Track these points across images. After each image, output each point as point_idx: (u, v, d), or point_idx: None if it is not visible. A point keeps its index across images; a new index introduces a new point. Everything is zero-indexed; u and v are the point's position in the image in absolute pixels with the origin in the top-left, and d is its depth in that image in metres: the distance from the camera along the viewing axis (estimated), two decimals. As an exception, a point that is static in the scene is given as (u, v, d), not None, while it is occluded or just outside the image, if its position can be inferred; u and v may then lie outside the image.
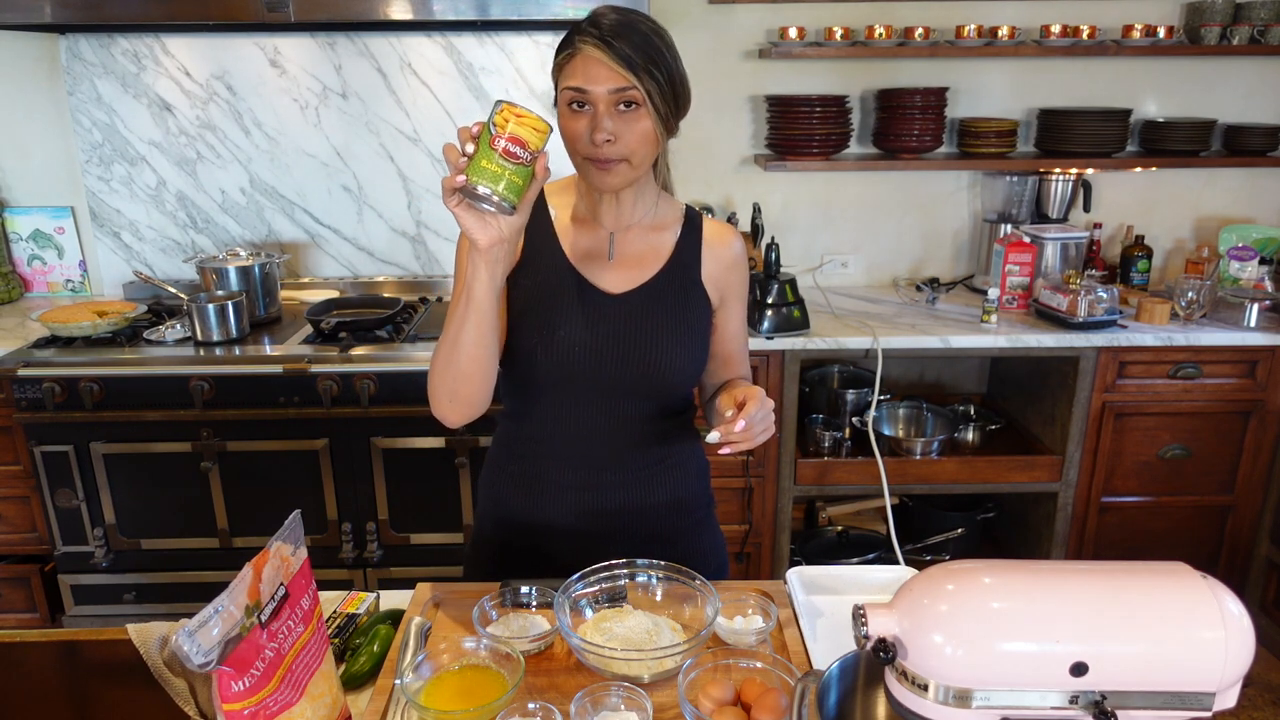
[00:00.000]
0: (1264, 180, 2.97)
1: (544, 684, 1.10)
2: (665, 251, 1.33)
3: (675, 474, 1.39)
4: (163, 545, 2.42)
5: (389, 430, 2.34)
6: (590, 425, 1.32)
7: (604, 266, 1.32)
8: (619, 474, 1.35)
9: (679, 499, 1.40)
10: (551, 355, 1.28)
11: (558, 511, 1.36)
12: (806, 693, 0.88)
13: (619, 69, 1.14)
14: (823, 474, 2.59)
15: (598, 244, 1.33)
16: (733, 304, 1.39)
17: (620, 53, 1.14)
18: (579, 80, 1.17)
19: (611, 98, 1.16)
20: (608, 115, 1.16)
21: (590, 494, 1.35)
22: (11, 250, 2.90)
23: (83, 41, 2.68)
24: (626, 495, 1.36)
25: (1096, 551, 2.68)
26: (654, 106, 1.17)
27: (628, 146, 1.18)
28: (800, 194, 2.96)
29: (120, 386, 2.28)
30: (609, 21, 1.16)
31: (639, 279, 1.32)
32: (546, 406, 1.34)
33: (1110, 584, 0.75)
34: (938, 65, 2.84)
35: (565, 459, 1.35)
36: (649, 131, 1.19)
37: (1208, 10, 2.72)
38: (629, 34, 1.15)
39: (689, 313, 1.33)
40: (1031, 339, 2.48)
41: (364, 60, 2.74)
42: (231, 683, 0.83)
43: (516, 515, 1.40)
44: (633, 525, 1.37)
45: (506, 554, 1.42)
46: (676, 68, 1.20)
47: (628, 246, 1.33)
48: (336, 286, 2.90)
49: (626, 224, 1.32)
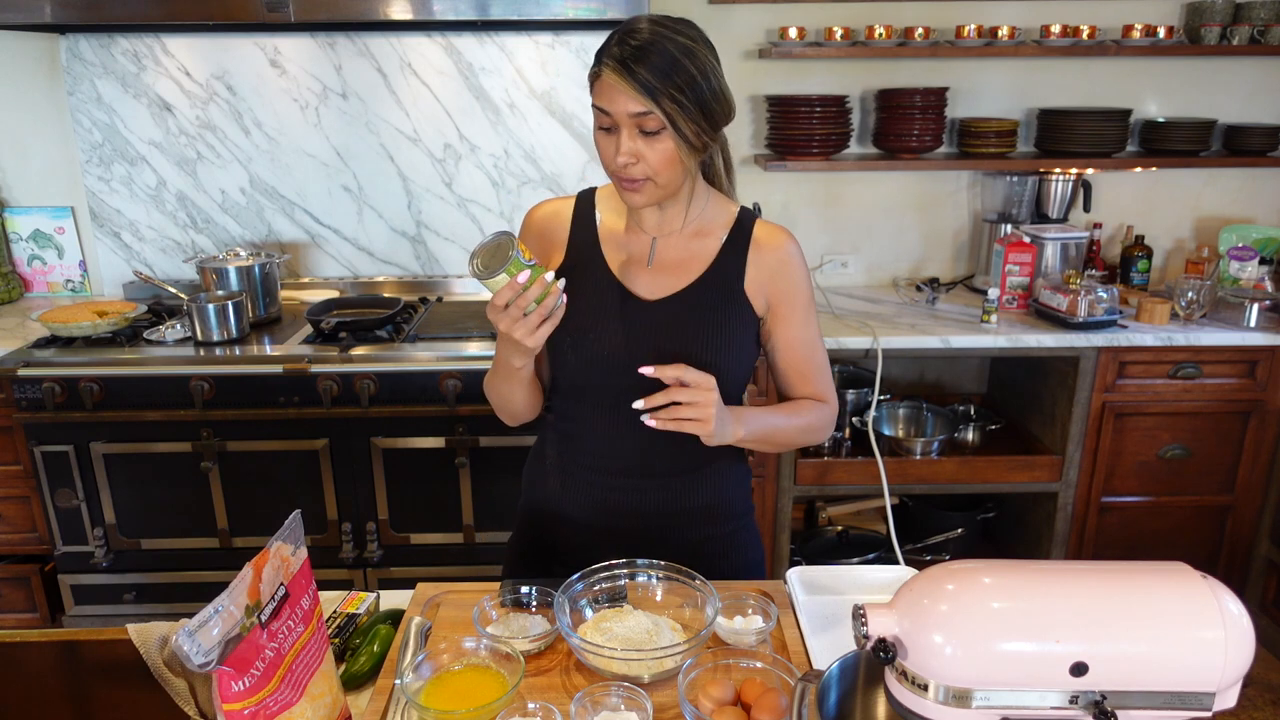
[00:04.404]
0: (1264, 180, 2.97)
1: (544, 684, 1.10)
2: (707, 258, 1.31)
3: (712, 481, 1.37)
4: (163, 545, 2.42)
5: (389, 430, 2.34)
6: (622, 429, 1.31)
7: (642, 272, 1.31)
8: (650, 478, 1.34)
9: (714, 506, 1.39)
10: (583, 358, 1.29)
11: (589, 506, 1.37)
12: (806, 693, 0.88)
13: (637, 95, 1.13)
14: (823, 474, 2.59)
15: (639, 249, 1.32)
16: (785, 310, 1.33)
17: (639, 79, 1.12)
18: (603, 101, 1.16)
19: (633, 120, 1.15)
20: (629, 137, 1.16)
21: (622, 495, 1.35)
22: (11, 250, 2.90)
23: (83, 41, 2.68)
24: (658, 499, 1.35)
25: (1096, 551, 2.68)
26: (676, 129, 1.15)
27: (650, 168, 1.18)
28: (800, 194, 2.96)
29: (120, 386, 2.28)
30: (635, 42, 1.14)
31: (675, 286, 1.30)
32: (581, 407, 1.35)
33: (1110, 584, 0.75)
34: (938, 65, 2.84)
35: (597, 458, 1.35)
36: (671, 153, 1.17)
37: (1208, 10, 2.72)
38: (652, 55, 1.12)
39: (726, 321, 1.30)
40: (1031, 339, 2.48)
41: (364, 60, 2.74)
42: (231, 683, 0.83)
43: (550, 504, 1.41)
44: (665, 528, 1.36)
45: (541, 543, 1.44)
46: (708, 85, 1.16)
47: (668, 252, 1.32)
48: (336, 286, 2.90)
49: (669, 230, 1.32)
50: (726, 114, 1.22)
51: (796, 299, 1.33)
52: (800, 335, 1.34)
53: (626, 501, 1.35)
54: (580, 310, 1.29)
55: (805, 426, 1.34)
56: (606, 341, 1.28)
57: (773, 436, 1.32)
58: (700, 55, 1.17)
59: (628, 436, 1.31)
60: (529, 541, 1.47)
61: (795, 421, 1.33)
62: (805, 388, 1.36)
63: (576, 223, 1.36)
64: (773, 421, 1.31)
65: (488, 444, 2.35)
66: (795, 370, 1.36)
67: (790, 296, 1.33)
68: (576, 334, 1.29)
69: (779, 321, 1.33)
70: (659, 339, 1.28)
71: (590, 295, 1.30)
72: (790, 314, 1.33)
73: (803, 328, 1.34)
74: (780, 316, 1.33)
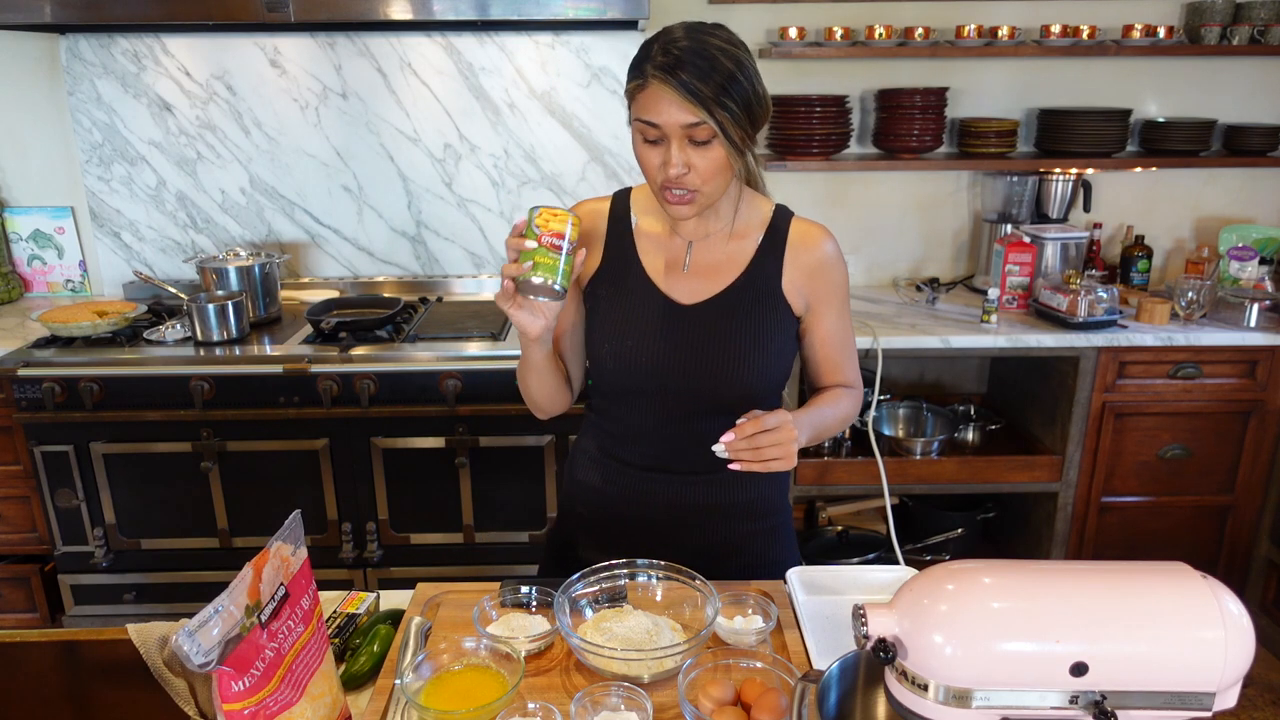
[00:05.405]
0: (1264, 180, 2.97)
1: (544, 684, 1.10)
2: (743, 260, 1.31)
3: (753, 477, 1.36)
4: (163, 545, 2.42)
5: (389, 430, 2.34)
6: (661, 431, 1.33)
7: (679, 277, 1.31)
8: (692, 474, 1.35)
9: (754, 502, 1.39)
10: (621, 363, 1.30)
11: (630, 500, 1.38)
12: (806, 693, 0.88)
13: (689, 104, 1.11)
14: (823, 474, 2.59)
15: (675, 254, 1.32)
16: (823, 309, 1.33)
17: (690, 87, 1.10)
18: (650, 114, 1.15)
19: (684, 131, 1.14)
20: (680, 148, 1.15)
21: (663, 490, 1.36)
22: (11, 250, 2.90)
23: (83, 41, 2.68)
24: (699, 494, 1.36)
25: (1096, 551, 2.68)
26: (727, 136, 1.14)
27: (701, 177, 1.17)
28: (800, 194, 2.95)
29: (120, 386, 2.28)
30: (678, 49, 1.12)
31: (712, 290, 1.30)
32: (621, 408, 1.36)
33: (1110, 584, 0.75)
34: (938, 65, 2.84)
35: (637, 455, 1.36)
36: (722, 160, 1.16)
37: (1208, 10, 2.72)
38: (698, 61, 1.11)
39: (764, 324, 1.29)
40: (1031, 339, 2.48)
41: (364, 60, 2.74)
42: (231, 683, 0.83)
43: (591, 497, 1.42)
44: (705, 523, 1.37)
45: (580, 536, 1.44)
46: (751, 87, 1.15)
47: (704, 256, 1.31)
48: (336, 286, 2.90)
49: (705, 234, 1.31)
50: (766, 113, 1.21)
51: (834, 297, 1.33)
52: (836, 330, 1.35)
53: (667, 496, 1.36)
54: (617, 316, 1.30)
55: (845, 416, 1.37)
56: (645, 347, 1.28)
57: (821, 433, 1.32)
58: (741, 57, 1.16)
59: (668, 437, 1.32)
60: (569, 533, 1.48)
61: (837, 412, 1.35)
62: (837, 377, 1.38)
63: (613, 225, 1.35)
64: (820, 418, 1.31)
65: (488, 444, 2.35)
66: (830, 363, 1.37)
67: (829, 295, 1.33)
68: (615, 339, 1.29)
69: (817, 319, 1.33)
70: (697, 344, 1.28)
71: (627, 300, 1.31)
72: (828, 311, 1.33)
73: (839, 322, 1.35)
74: (818, 315, 1.33)
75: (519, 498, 2.42)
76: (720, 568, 1.29)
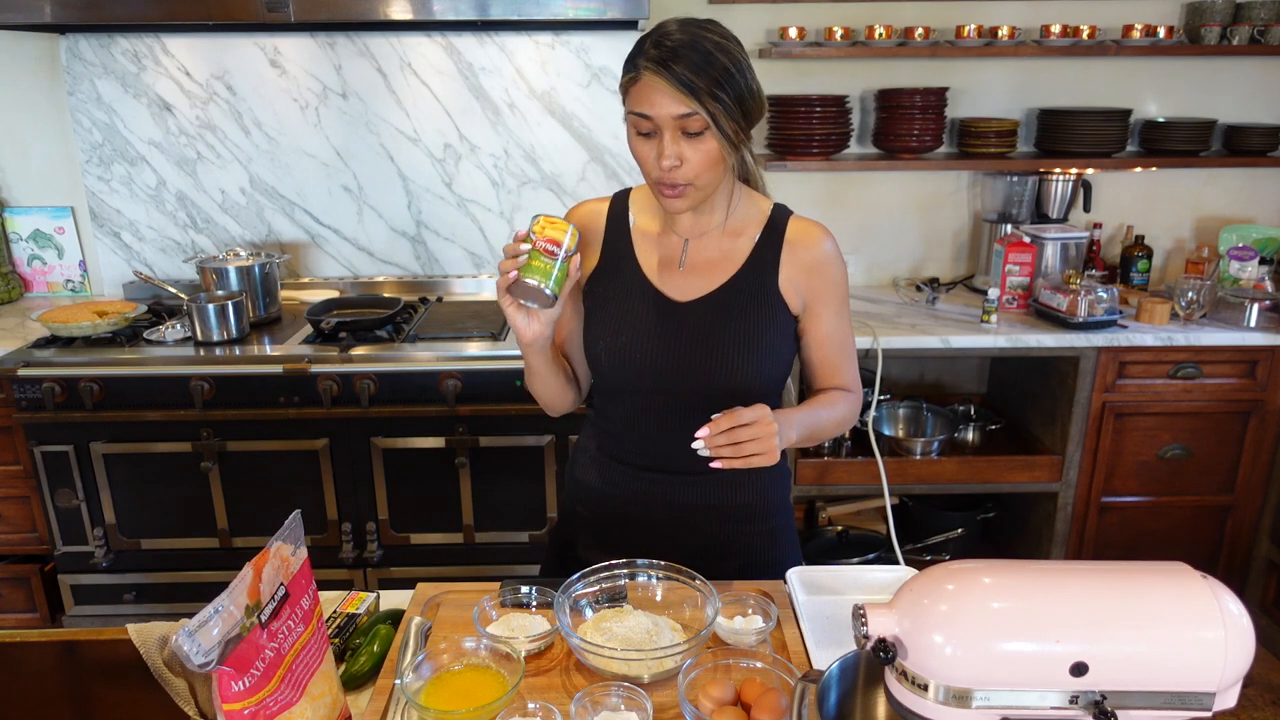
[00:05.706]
0: (1264, 180, 2.97)
1: (544, 684, 1.10)
2: (739, 258, 1.30)
3: (752, 478, 1.36)
4: (163, 545, 2.42)
5: (389, 430, 2.34)
6: (658, 429, 1.33)
7: (674, 274, 1.31)
8: (690, 475, 1.35)
9: (754, 503, 1.39)
10: (615, 360, 1.30)
11: (630, 500, 1.38)
12: (806, 693, 0.88)
13: (681, 95, 1.12)
14: (823, 474, 2.59)
15: (671, 251, 1.32)
16: (821, 309, 1.32)
17: (681, 78, 1.11)
18: (643, 106, 1.15)
19: (676, 123, 1.14)
20: (673, 140, 1.15)
21: (662, 490, 1.36)
22: (11, 250, 2.90)
23: (83, 41, 2.68)
24: (698, 494, 1.36)
25: (1096, 551, 2.68)
26: (719, 128, 1.15)
27: (693, 170, 1.17)
28: (800, 194, 2.95)
29: (120, 386, 2.28)
30: (671, 42, 1.13)
31: (707, 287, 1.30)
32: (618, 406, 1.36)
33: (1110, 584, 0.75)
34: (938, 65, 2.84)
35: (636, 455, 1.37)
36: (715, 152, 1.17)
37: (1208, 10, 2.72)
38: (691, 54, 1.12)
39: (758, 322, 1.29)
40: (1031, 339, 2.48)
41: (364, 60, 2.74)
42: (231, 683, 0.83)
43: (591, 497, 1.42)
44: (706, 523, 1.37)
45: (582, 535, 1.45)
46: (745, 82, 1.16)
47: (700, 253, 1.31)
48: (336, 286, 2.90)
49: (701, 231, 1.32)
50: (760, 109, 1.21)
51: (832, 296, 1.32)
52: (834, 331, 1.34)
53: (666, 496, 1.36)
54: (613, 313, 1.30)
55: (841, 419, 1.36)
56: (639, 344, 1.29)
57: (815, 434, 1.32)
58: (734, 51, 1.16)
59: (665, 436, 1.32)
60: (569, 533, 1.48)
61: (833, 415, 1.34)
62: (835, 379, 1.37)
63: (611, 224, 1.36)
64: (814, 419, 1.30)
65: (488, 444, 2.35)
66: (828, 364, 1.36)
67: (826, 295, 1.32)
68: (609, 336, 1.30)
69: (815, 319, 1.32)
70: (690, 341, 1.28)
71: (622, 297, 1.31)
72: (825, 311, 1.32)
73: (837, 323, 1.34)
74: (816, 315, 1.32)
75: (519, 498, 2.42)
76: (720, 568, 1.30)
